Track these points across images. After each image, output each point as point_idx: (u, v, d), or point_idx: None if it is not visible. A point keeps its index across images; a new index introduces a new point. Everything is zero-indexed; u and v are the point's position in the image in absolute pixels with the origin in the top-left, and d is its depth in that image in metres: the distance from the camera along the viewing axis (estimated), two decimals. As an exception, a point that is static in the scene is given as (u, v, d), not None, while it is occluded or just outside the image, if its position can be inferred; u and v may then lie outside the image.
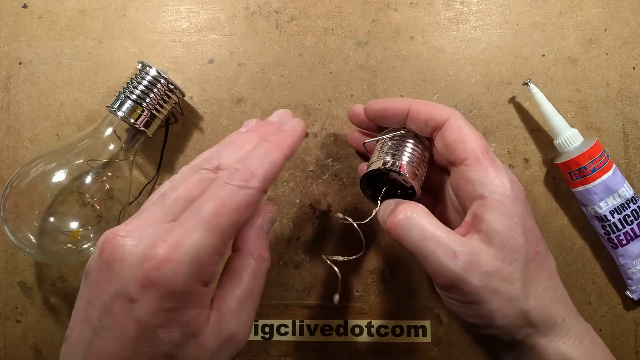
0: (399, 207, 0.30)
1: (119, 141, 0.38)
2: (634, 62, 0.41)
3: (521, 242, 0.28)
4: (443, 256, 0.28)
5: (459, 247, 0.28)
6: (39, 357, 0.42)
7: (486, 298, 0.28)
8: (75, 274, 0.42)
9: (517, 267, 0.28)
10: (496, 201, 0.29)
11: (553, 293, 0.30)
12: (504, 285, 0.28)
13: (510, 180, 0.30)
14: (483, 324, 0.29)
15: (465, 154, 0.30)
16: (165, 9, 0.42)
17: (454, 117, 0.31)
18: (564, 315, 0.30)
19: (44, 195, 0.36)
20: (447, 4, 0.42)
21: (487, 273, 0.28)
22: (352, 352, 0.41)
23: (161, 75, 0.37)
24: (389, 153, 0.33)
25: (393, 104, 0.33)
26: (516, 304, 0.28)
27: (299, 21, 0.42)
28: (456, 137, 0.31)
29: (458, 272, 0.28)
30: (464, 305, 0.29)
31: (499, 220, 0.28)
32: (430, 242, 0.28)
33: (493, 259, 0.28)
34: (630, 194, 0.37)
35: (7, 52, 0.42)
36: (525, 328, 0.29)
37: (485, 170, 0.29)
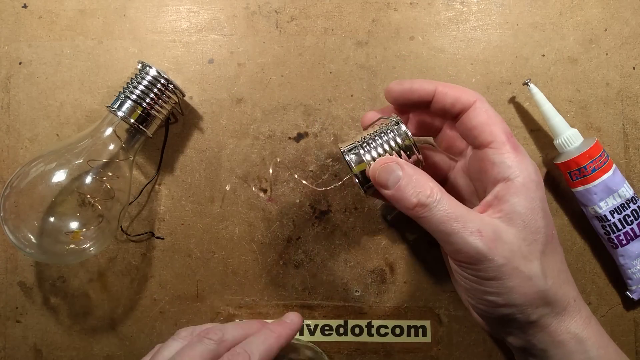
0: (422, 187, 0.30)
1: (119, 141, 0.38)
2: (634, 62, 0.41)
3: (541, 224, 0.29)
4: (468, 235, 0.28)
5: (482, 226, 0.29)
6: (39, 357, 0.42)
7: (507, 275, 0.29)
8: (76, 274, 0.42)
9: (536, 247, 0.29)
10: (521, 184, 0.29)
11: (565, 275, 0.31)
12: (524, 263, 0.29)
13: (533, 165, 0.31)
14: (501, 301, 0.30)
15: (491, 136, 0.31)
16: (165, 9, 0.42)
17: (481, 100, 0.32)
18: (575, 297, 0.31)
19: (44, 195, 0.36)
20: (447, 4, 0.42)
21: (510, 250, 0.29)
22: (352, 352, 0.41)
23: (161, 75, 0.37)
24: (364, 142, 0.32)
25: (419, 84, 0.33)
26: (535, 283, 0.29)
27: (299, 21, 0.42)
28: (483, 120, 0.31)
29: (482, 249, 0.28)
30: (484, 282, 0.30)
31: (522, 202, 0.29)
32: (455, 222, 0.29)
33: (515, 237, 0.29)
34: (630, 194, 0.37)
35: (7, 52, 0.42)
36: (542, 308, 0.30)
37: (511, 154, 0.30)
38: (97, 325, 0.42)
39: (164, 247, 0.42)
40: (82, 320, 0.42)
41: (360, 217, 0.41)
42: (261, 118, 0.42)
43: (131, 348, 0.41)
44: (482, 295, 0.30)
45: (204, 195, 0.42)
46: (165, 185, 0.42)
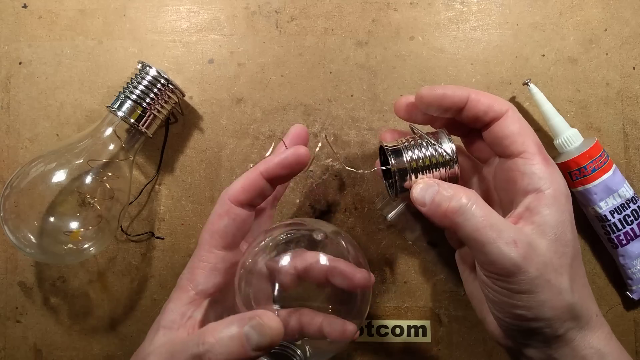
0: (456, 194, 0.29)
1: (119, 141, 0.38)
2: (634, 62, 0.41)
3: (570, 237, 0.29)
4: (504, 245, 0.28)
5: (517, 236, 0.28)
6: (39, 357, 0.42)
7: (540, 288, 0.28)
8: (75, 274, 0.42)
9: (566, 260, 0.29)
10: (552, 197, 0.29)
11: (588, 290, 0.31)
12: (555, 276, 0.28)
13: (563, 178, 0.30)
14: (530, 315, 0.29)
15: (523, 147, 0.30)
16: (165, 9, 0.42)
17: (513, 109, 0.31)
18: (597, 312, 0.31)
19: (44, 195, 0.36)
20: (447, 4, 0.42)
21: (543, 263, 0.28)
22: (352, 352, 0.41)
23: (161, 75, 0.37)
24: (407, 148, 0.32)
25: (452, 91, 0.32)
26: (565, 297, 0.29)
27: (299, 21, 0.42)
28: (515, 130, 0.31)
29: (518, 261, 0.27)
30: (514, 296, 0.29)
31: (554, 214, 0.29)
32: (491, 231, 0.28)
33: (547, 250, 0.28)
34: (630, 194, 0.37)
35: (7, 52, 0.42)
36: (569, 322, 0.29)
37: (542, 165, 0.30)
38: (97, 325, 0.42)
39: (164, 247, 0.42)
40: (82, 320, 0.42)
41: (360, 217, 0.41)
42: (261, 118, 0.42)
43: (131, 348, 0.41)
44: (511, 309, 0.29)
45: (204, 195, 0.42)
46: (165, 185, 0.42)
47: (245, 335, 0.26)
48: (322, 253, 0.31)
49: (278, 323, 0.26)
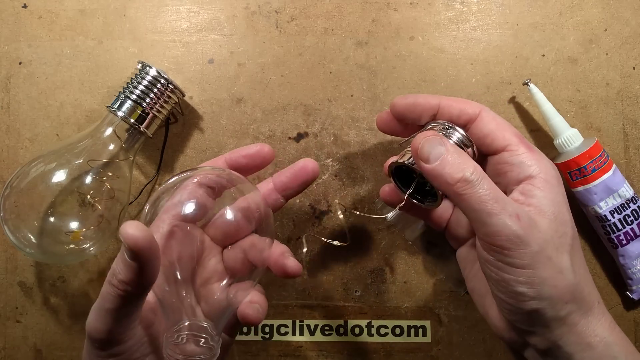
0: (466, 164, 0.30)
1: (119, 141, 0.38)
2: (634, 62, 0.41)
3: (567, 218, 0.30)
4: (507, 217, 0.28)
5: (520, 211, 0.29)
6: (39, 357, 0.42)
7: (541, 264, 0.28)
8: (75, 274, 0.42)
9: (566, 240, 0.29)
10: (544, 180, 0.30)
11: (588, 275, 0.31)
12: (556, 254, 0.29)
13: (551, 162, 0.31)
14: (532, 293, 0.29)
15: (505, 141, 0.31)
16: (165, 9, 0.42)
17: (485, 109, 0.32)
18: (599, 299, 0.31)
19: (44, 195, 0.36)
20: (447, 4, 0.42)
21: (543, 239, 0.29)
22: (352, 352, 0.41)
23: (161, 75, 0.37)
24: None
25: (423, 98, 0.33)
26: (566, 276, 0.29)
27: (299, 21, 0.42)
28: (493, 127, 0.32)
29: (520, 233, 0.28)
30: (516, 271, 0.29)
31: (549, 195, 0.30)
32: (495, 203, 0.28)
33: (547, 228, 0.29)
34: (630, 194, 0.37)
35: (7, 52, 0.42)
36: (571, 304, 0.29)
37: (528, 153, 0.31)
38: (97, 325, 0.41)
39: (164, 247, 0.42)
40: (82, 320, 0.41)
41: (360, 217, 0.41)
42: (261, 118, 0.42)
43: (131, 348, 0.41)
44: (513, 287, 0.29)
45: (204, 195, 0.42)
46: (165, 185, 0.42)
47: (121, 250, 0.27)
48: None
49: (135, 228, 0.26)
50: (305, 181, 0.35)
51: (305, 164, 0.35)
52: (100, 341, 0.28)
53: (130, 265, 0.26)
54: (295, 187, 0.35)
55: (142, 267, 0.26)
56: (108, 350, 0.29)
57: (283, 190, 0.35)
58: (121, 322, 0.28)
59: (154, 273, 0.27)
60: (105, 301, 0.28)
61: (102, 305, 0.28)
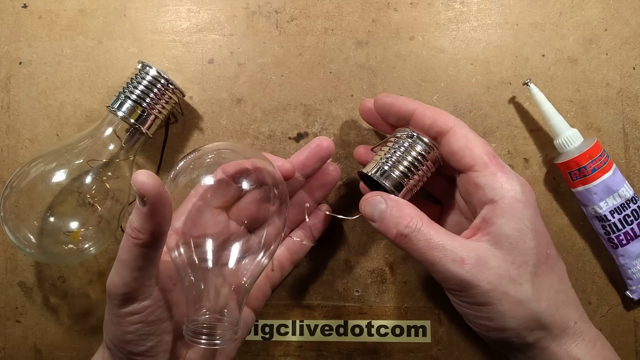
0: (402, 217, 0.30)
1: (119, 141, 0.38)
2: (634, 62, 0.41)
3: (531, 245, 0.29)
4: (450, 263, 0.29)
5: (465, 253, 0.29)
6: (39, 357, 0.42)
7: (496, 300, 0.28)
8: (75, 274, 0.42)
9: (527, 269, 0.29)
10: (507, 205, 0.29)
11: (564, 296, 0.30)
12: (513, 287, 0.29)
13: (521, 184, 0.30)
14: (494, 326, 0.29)
15: (473, 160, 0.30)
16: (165, 9, 0.42)
17: (459, 125, 0.32)
18: (576, 319, 0.30)
19: (44, 195, 0.36)
20: (447, 4, 0.42)
21: (496, 275, 0.28)
22: (352, 352, 0.41)
23: (161, 75, 0.37)
24: (388, 159, 0.33)
25: (401, 101, 0.33)
26: (527, 306, 0.29)
27: (299, 21, 0.42)
28: (462, 145, 0.31)
29: (466, 277, 0.28)
30: (474, 307, 0.30)
31: (509, 223, 0.29)
32: (436, 251, 0.29)
33: (502, 261, 0.29)
34: (630, 194, 0.37)
35: (7, 52, 0.42)
36: (537, 331, 0.29)
37: (494, 175, 0.30)
38: (97, 325, 0.41)
39: (164, 247, 0.42)
40: (82, 320, 0.42)
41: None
42: (261, 118, 0.42)
43: (131, 348, 0.41)
44: (475, 320, 0.30)
45: (204, 195, 0.42)
46: (165, 185, 0.42)
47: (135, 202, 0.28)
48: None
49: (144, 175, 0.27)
50: (321, 158, 0.36)
51: (320, 142, 0.35)
52: (119, 296, 0.29)
53: (142, 212, 0.27)
54: (313, 165, 0.36)
55: (153, 212, 0.27)
56: (126, 307, 0.30)
57: (302, 169, 0.36)
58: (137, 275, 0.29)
59: (165, 220, 0.28)
60: (122, 252, 0.29)
61: (120, 257, 0.29)
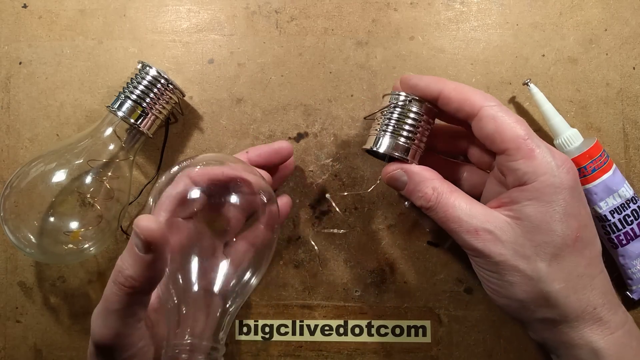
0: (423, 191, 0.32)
1: (119, 141, 0.38)
2: (634, 62, 0.41)
3: (556, 227, 0.29)
4: (465, 234, 0.30)
5: (481, 224, 0.30)
6: (39, 357, 0.42)
7: (505, 272, 0.30)
8: (76, 274, 0.42)
9: (546, 249, 0.29)
10: (536, 189, 0.29)
11: (589, 281, 0.30)
12: (525, 262, 0.29)
13: (558, 165, 0.30)
14: (503, 293, 0.31)
15: (504, 144, 0.30)
16: (165, 9, 0.42)
17: (487, 105, 0.31)
18: (597, 305, 0.30)
19: (44, 195, 0.36)
20: (447, 4, 0.42)
21: (510, 249, 0.30)
22: (352, 352, 0.41)
23: (161, 75, 0.37)
24: (387, 128, 0.33)
25: (424, 83, 0.33)
26: (537, 284, 0.29)
27: (299, 21, 0.42)
28: (492, 128, 0.30)
29: (478, 247, 0.30)
30: (489, 273, 0.31)
31: (534, 205, 0.29)
32: (452, 224, 0.31)
33: (519, 236, 0.30)
34: (630, 194, 0.37)
35: (7, 52, 0.42)
36: (546, 309, 0.30)
37: (526, 159, 0.30)
38: (97, 325, 0.42)
39: (164, 247, 0.42)
40: (82, 320, 0.42)
41: (360, 217, 0.41)
42: (261, 118, 0.42)
43: (131, 348, 0.41)
44: (488, 283, 0.32)
45: (204, 195, 0.42)
46: (165, 185, 0.42)
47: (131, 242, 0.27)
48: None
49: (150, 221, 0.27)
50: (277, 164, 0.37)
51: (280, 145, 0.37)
52: (109, 348, 0.28)
53: (140, 260, 0.27)
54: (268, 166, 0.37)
55: (155, 259, 0.27)
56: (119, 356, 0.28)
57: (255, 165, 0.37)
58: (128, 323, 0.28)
59: (164, 266, 0.28)
60: (111, 302, 0.27)
61: (108, 308, 0.28)
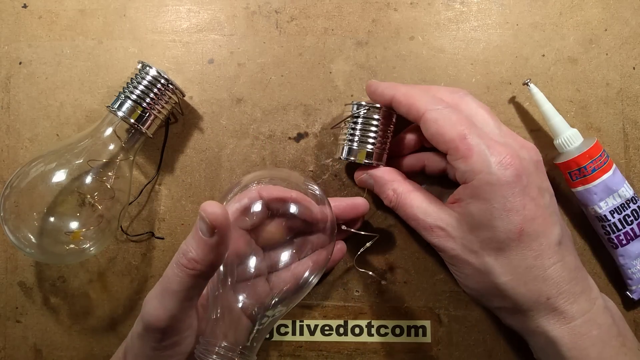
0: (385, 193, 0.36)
1: (119, 141, 0.38)
2: (634, 62, 0.41)
3: (497, 224, 0.30)
4: (422, 230, 0.34)
5: (435, 222, 0.33)
6: (39, 357, 0.42)
7: (460, 264, 0.33)
8: (76, 274, 0.42)
9: (490, 245, 0.31)
10: (475, 187, 0.31)
11: (540, 272, 0.31)
12: (474, 257, 0.32)
13: (496, 162, 0.30)
14: (465, 283, 0.34)
15: (445, 145, 0.32)
16: (165, 9, 0.42)
17: (429, 110, 0.33)
18: (550, 295, 0.31)
19: (44, 195, 0.36)
20: (447, 4, 0.42)
21: (460, 245, 0.32)
22: (352, 352, 0.41)
23: (161, 75, 0.37)
24: (352, 137, 0.37)
25: (380, 89, 0.36)
26: (487, 277, 0.32)
27: (299, 21, 0.42)
28: (433, 131, 0.32)
29: (435, 242, 0.33)
30: (450, 266, 0.35)
31: (475, 205, 0.31)
32: (412, 221, 0.34)
33: (466, 234, 0.32)
34: (630, 194, 0.37)
35: (7, 52, 0.42)
36: (499, 299, 0.32)
37: (464, 158, 0.31)
38: (97, 325, 0.42)
39: (164, 247, 0.42)
40: (82, 320, 0.42)
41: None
42: (261, 118, 0.42)
43: (131, 348, 0.41)
44: (454, 275, 0.35)
45: (204, 195, 0.42)
46: (165, 185, 0.42)
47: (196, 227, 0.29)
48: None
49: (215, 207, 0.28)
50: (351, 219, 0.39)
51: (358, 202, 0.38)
52: (161, 330, 0.29)
53: (204, 243, 0.28)
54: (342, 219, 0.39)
55: (220, 243, 0.28)
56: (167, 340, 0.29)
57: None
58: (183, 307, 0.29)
59: (226, 250, 0.29)
60: (171, 283, 0.29)
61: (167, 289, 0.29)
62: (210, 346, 0.30)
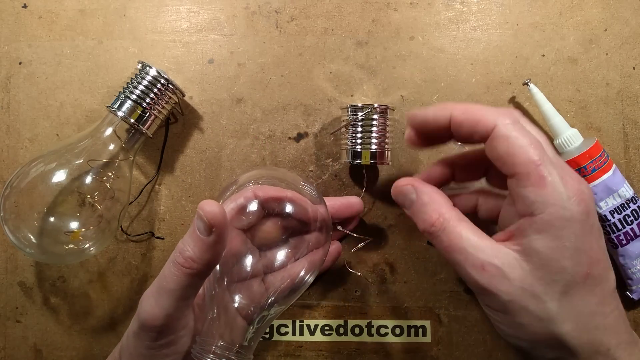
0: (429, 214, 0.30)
1: (119, 141, 0.38)
2: (634, 62, 0.41)
3: (566, 264, 0.27)
4: (470, 268, 0.28)
5: (489, 259, 0.27)
6: (39, 357, 0.42)
7: (515, 312, 0.27)
8: (76, 274, 0.42)
9: (555, 288, 0.27)
10: (545, 222, 0.27)
11: (602, 320, 0.28)
12: (535, 303, 0.27)
13: (570, 196, 0.27)
14: (512, 334, 0.29)
15: (514, 168, 0.27)
16: (165, 9, 0.42)
17: (501, 124, 0.28)
18: (611, 345, 0.28)
19: (44, 195, 0.36)
20: (447, 4, 0.42)
21: (518, 288, 0.27)
22: (352, 352, 0.41)
23: (161, 75, 0.37)
24: (354, 140, 0.38)
25: (433, 114, 0.30)
26: (547, 325, 0.27)
27: (299, 21, 0.42)
28: (504, 150, 0.28)
29: (484, 284, 0.27)
30: (495, 312, 0.29)
31: (543, 241, 0.27)
32: (457, 254, 0.28)
33: (527, 275, 0.27)
34: (630, 194, 0.37)
35: (7, 52, 0.42)
36: (558, 350, 0.28)
37: (536, 187, 0.27)
38: (97, 325, 0.42)
39: (164, 247, 0.42)
40: (82, 320, 0.42)
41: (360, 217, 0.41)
42: (261, 118, 0.42)
43: (131, 348, 0.41)
44: (495, 323, 0.30)
45: (204, 195, 0.42)
46: (165, 185, 0.42)
47: (195, 226, 0.28)
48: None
49: (213, 205, 0.28)
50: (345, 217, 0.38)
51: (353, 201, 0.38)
52: (157, 328, 0.29)
53: (201, 242, 0.28)
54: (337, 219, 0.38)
55: (217, 242, 0.28)
56: (162, 339, 0.29)
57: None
58: (179, 306, 0.29)
59: (222, 250, 0.29)
60: (168, 282, 0.28)
61: (163, 287, 0.29)
62: (207, 346, 0.30)
